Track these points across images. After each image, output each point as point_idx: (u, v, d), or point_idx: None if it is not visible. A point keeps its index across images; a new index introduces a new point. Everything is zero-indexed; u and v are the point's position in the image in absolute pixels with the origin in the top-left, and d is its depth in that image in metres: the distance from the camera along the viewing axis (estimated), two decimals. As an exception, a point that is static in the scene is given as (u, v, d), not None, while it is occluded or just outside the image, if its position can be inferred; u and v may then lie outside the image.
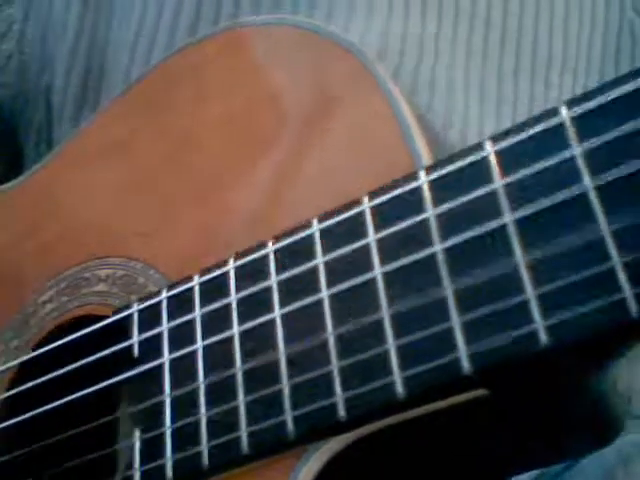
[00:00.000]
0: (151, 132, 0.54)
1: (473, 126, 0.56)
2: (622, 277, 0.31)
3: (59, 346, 0.50)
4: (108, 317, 0.48)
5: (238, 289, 0.42)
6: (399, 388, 0.35)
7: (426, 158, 0.39)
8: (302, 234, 0.41)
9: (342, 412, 0.36)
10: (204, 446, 0.40)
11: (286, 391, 0.38)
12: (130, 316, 0.46)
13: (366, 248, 0.38)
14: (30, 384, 0.50)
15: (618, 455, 0.51)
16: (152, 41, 0.62)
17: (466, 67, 0.57)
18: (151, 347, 0.44)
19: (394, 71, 0.57)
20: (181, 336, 0.43)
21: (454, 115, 0.56)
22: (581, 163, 0.33)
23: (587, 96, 0.34)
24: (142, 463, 0.42)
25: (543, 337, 0.32)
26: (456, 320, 0.34)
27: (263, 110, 0.49)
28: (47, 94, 0.67)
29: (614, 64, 0.60)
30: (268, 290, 0.41)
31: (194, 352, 0.42)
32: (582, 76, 0.59)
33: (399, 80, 0.57)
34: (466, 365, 0.34)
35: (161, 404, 0.43)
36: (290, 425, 0.38)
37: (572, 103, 0.34)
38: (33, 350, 0.52)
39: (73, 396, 0.47)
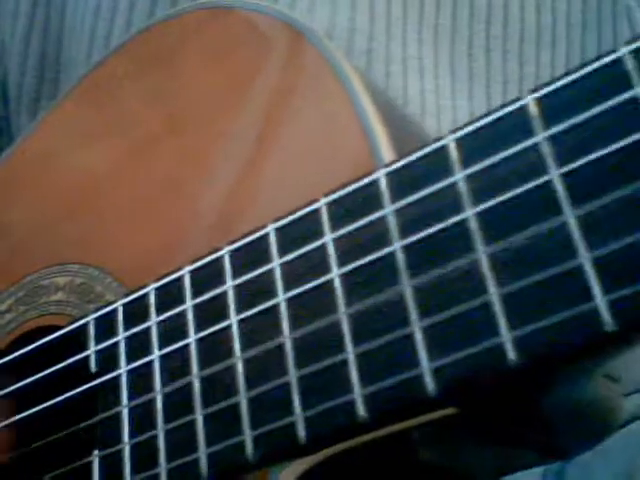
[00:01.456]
0: (111, 126, 0.51)
1: (446, 109, 0.53)
2: (592, 278, 0.28)
3: (17, 358, 0.47)
4: (63, 327, 0.45)
5: (193, 296, 0.39)
6: (360, 409, 0.32)
7: (387, 155, 0.37)
8: (257, 236, 0.38)
9: (302, 432, 0.34)
10: (163, 468, 0.37)
11: (244, 406, 0.36)
12: (86, 326, 0.43)
13: (322, 249, 0.35)
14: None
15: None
16: (111, 25, 0.59)
17: (435, 48, 0.54)
18: (108, 358, 0.42)
19: (366, 55, 0.54)
20: (138, 346, 0.41)
21: (428, 97, 0.53)
22: (547, 151, 0.30)
23: (551, 82, 0.31)
24: (101, 484, 0.40)
25: (511, 354, 0.29)
26: (417, 326, 0.32)
27: (223, 105, 0.46)
28: (2, 87, 0.65)
29: (596, 28, 0.57)
30: (224, 296, 0.38)
31: (151, 363, 0.40)
32: (562, 47, 0.56)
33: (372, 64, 0.55)
34: (429, 382, 0.31)
35: (119, 418, 0.40)
36: (249, 445, 0.35)
37: (535, 89, 0.31)
38: (-7, 363, 0.49)
39: (33, 410, 0.45)
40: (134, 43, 0.53)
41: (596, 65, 0.30)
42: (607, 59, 0.30)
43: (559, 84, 0.31)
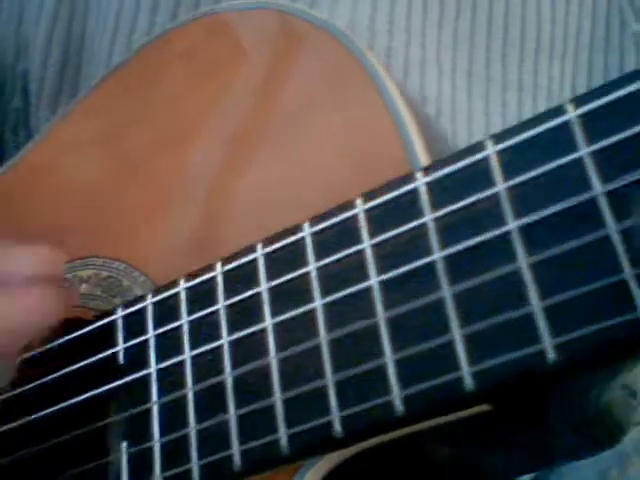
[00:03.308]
0: (133, 123, 0.51)
1: (462, 111, 0.54)
2: (635, 289, 0.29)
3: (42, 352, 0.48)
4: (89, 321, 0.45)
5: (227, 295, 0.40)
6: (398, 406, 0.33)
7: (423, 158, 0.37)
8: (292, 238, 0.38)
9: (338, 428, 0.34)
10: (194, 463, 0.38)
11: (279, 405, 0.36)
12: (114, 322, 0.44)
13: (361, 254, 0.36)
14: (16, 391, 0.48)
15: (614, 454, 0.50)
16: (132, 28, 0.59)
17: (453, 51, 0.55)
18: (137, 355, 0.42)
19: (385, 53, 0.55)
20: (168, 344, 0.41)
21: (444, 98, 0.54)
22: (589, 166, 0.31)
23: (593, 94, 0.32)
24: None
25: (551, 356, 0.30)
26: (457, 333, 0.32)
27: (246, 102, 0.46)
28: (24, 81, 0.65)
29: (604, 52, 0.58)
30: (259, 296, 0.39)
31: (182, 362, 0.40)
32: (570, 62, 0.57)
33: (390, 63, 0.55)
34: (469, 383, 0.32)
35: (149, 416, 0.41)
36: (284, 442, 0.36)
37: (579, 101, 0.32)
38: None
39: (58, 406, 0.45)
40: (149, 48, 0.53)
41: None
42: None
43: (604, 100, 0.32)
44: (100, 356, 0.44)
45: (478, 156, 0.34)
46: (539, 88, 0.56)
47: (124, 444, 0.41)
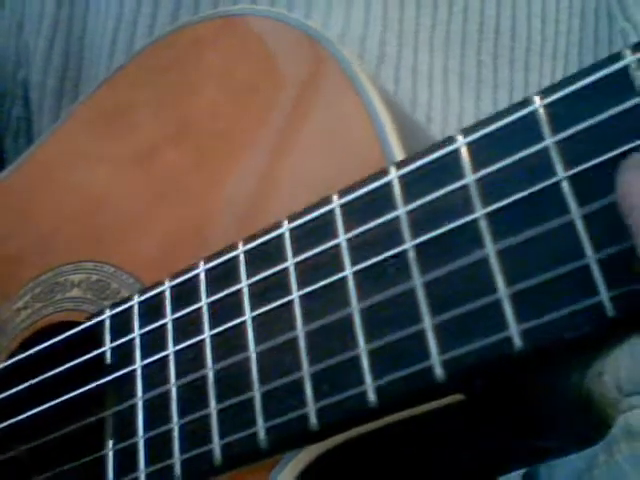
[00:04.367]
0: (125, 130, 0.52)
1: (453, 113, 0.54)
2: (597, 275, 0.29)
3: (33, 354, 0.48)
4: (82, 323, 0.46)
5: (209, 292, 0.40)
6: (371, 396, 0.33)
7: (398, 154, 0.38)
8: (272, 234, 0.39)
9: (313, 420, 0.35)
10: (177, 458, 0.39)
11: (257, 399, 0.37)
12: (102, 322, 0.45)
13: (337, 247, 0.37)
14: (6, 393, 0.49)
15: (585, 459, 0.50)
16: (133, 31, 0.61)
17: (445, 54, 0.56)
18: (123, 353, 0.43)
19: (377, 60, 0.56)
20: (153, 342, 0.42)
21: (435, 102, 0.55)
22: (554, 153, 0.31)
23: (559, 85, 0.32)
24: (115, 476, 0.41)
25: (518, 342, 0.30)
26: (428, 322, 0.33)
27: (241, 108, 0.47)
28: (24, 89, 0.66)
29: (593, 49, 0.59)
30: (239, 292, 0.39)
31: (166, 358, 0.41)
32: (561, 60, 0.58)
33: (382, 69, 0.56)
34: (439, 372, 0.32)
35: (134, 412, 0.41)
36: (262, 435, 0.36)
37: (544, 92, 0.32)
38: (9, 358, 0.50)
39: (47, 405, 0.46)
40: (148, 52, 0.54)
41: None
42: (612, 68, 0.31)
43: (567, 90, 0.32)
44: (90, 355, 0.44)
45: (449, 148, 0.34)
46: (530, 87, 0.56)
47: (110, 441, 0.42)
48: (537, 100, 0.33)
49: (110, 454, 0.41)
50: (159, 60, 0.53)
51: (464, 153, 0.34)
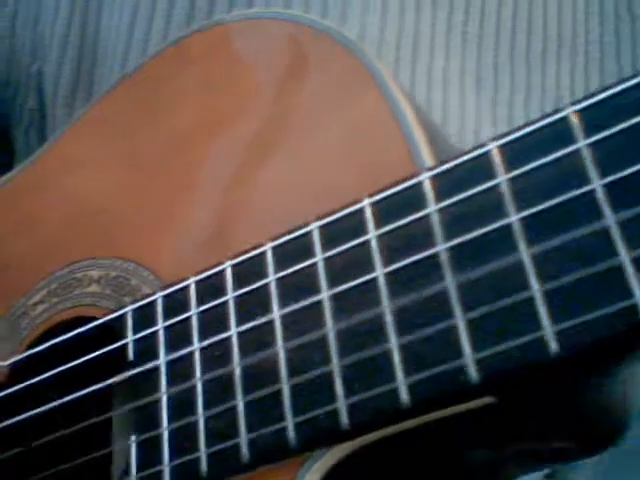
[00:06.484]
0: (143, 128, 0.53)
1: (470, 117, 0.55)
2: (632, 277, 0.30)
3: (50, 348, 0.49)
4: (100, 318, 0.47)
5: (235, 288, 0.41)
6: (403, 394, 0.34)
7: (427, 159, 0.38)
8: (300, 233, 0.40)
9: (344, 416, 0.35)
10: (202, 452, 0.39)
11: (286, 394, 0.37)
12: (123, 317, 0.45)
13: (367, 247, 0.37)
14: (21, 386, 0.49)
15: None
16: (148, 28, 0.61)
17: (462, 57, 0.56)
18: (146, 348, 0.43)
19: (393, 64, 0.56)
20: (177, 337, 0.42)
21: (451, 106, 0.55)
22: (588, 159, 0.32)
23: (593, 93, 0.33)
24: (138, 470, 0.41)
25: (553, 346, 0.31)
26: (460, 321, 0.33)
27: (256, 108, 0.48)
28: (38, 81, 0.66)
29: (615, 53, 0.59)
30: (266, 289, 0.40)
31: (191, 353, 0.41)
32: (581, 62, 0.58)
33: (398, 74, 0.56)
34: (472, 371, 0.33)
35: (157, 406, 0.41)
36: (291, 432, 0.37)
37: (578, 100, 0.33)
38: (25, 351, 0.51)
39: (64, 399, 0.46)
40: (164, 54, 0.54)
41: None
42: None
43: (598, 98, 0.33)
44: (109, 348, 0.45)
45: (480, 151, 0.35)
46: (547, 88, 0.57)
47: (133, 435, 0.42)
48: (569, 106, 0.33)
49: (133, 447, 0.42)
50: (169, 63, 0.53)
51: (496, 155, 0.35)
